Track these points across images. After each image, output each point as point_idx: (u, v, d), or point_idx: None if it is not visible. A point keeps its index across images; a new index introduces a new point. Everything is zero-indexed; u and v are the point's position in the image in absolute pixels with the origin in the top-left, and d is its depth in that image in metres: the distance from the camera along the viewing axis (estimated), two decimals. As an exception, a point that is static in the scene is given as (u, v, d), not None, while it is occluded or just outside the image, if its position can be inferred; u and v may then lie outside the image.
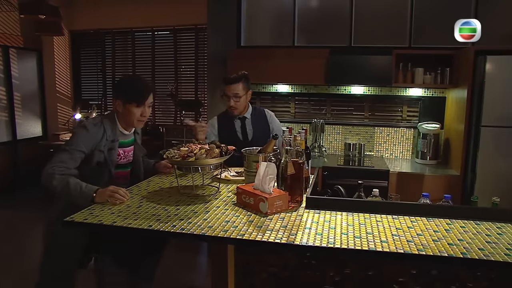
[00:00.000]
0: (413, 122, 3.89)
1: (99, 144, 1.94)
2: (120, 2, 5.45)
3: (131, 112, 2.00)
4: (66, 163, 1.85)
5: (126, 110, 2.00)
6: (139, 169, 2.22)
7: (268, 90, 4.18)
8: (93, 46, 5.95)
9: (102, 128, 1.97)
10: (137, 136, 2.20)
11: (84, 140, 1.91)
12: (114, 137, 2.00)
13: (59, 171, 1.81)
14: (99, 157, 1.95)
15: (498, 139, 3.07)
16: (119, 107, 2.01)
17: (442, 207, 1.75)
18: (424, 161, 3.61)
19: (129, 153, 2.14)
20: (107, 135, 1.97)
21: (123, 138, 2.08)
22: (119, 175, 2.09)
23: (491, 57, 2.99)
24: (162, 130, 5.49)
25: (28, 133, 5.54)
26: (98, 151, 1.94)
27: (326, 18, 3.98)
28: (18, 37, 5.31)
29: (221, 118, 2.76)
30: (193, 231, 1.44)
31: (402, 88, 3.82)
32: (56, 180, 1.79)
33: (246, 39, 4.17)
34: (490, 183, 3.06)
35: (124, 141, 2.09)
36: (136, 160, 2.18)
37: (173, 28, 5.45)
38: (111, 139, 1.99)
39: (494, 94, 3.01)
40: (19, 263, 3.20)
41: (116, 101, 2.02)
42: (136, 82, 2.12)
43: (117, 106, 2.01)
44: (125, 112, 2.01)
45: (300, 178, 1.74)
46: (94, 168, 1.95)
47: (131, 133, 2.13)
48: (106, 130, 1.98)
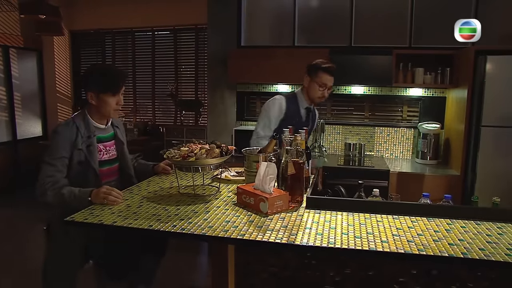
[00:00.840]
0: (413, 122, 3.89)
1: (76, 143, 1.89)
2: (120, 2, 5.45)
3: (106, 102, 1.94)
4: (53, 176, 1.82)
5: (101, 101, 1.93)
6: (126, 164, 2.15)
7: (268, 90, 4.18)
8: (93, 46, 5.95)
9: (74, 127, 1.91)
10: (118, 130, 2.13)
11: (60, 145, 1.86)
12: (89, 132, 1.94)
13: (49, 186, 1.80)
14: (79, 157, 1.89)
15: (498, 139, 3.07)
16: (93, 99, 1.93)
17: (443, 207, 1.75)
18: (424, 161, 3.61)
19: (111, 148, 2.07)
20: (81, 132, 1.91)
21: (100, 132, 2.01)
22: (106, 173, 2.03)
23: (491, 57, 2.99)
24: (162, 130, 5.50)
25: (28, 133, 5.54)
26: (77, 150, 1.89)
27: (326, 18, 3.98)
28: (18, 37, 5.31)
29: (288, 101, 2.65)
30: (194, 231, 1.44)
31: (402, 88, 3.82)
32: (49, 196, 1.79)
33: (246, 39, 4.17)
34: (490, 183, 3.06)
35: (102, 136, 2.03)
36: (121, 155, 2.11)
37: (173, 28, 5.46)
38: (86, 135, 1.93)
39: (494, 94, 3.01)
40: (19, 262, 3.20)
41: (88, 94, 1.93)
42: (109, 71, 2.04)
43: (90, 99, 1.93)
44: (100, 104, 1.94)
45: (301, 178, 1.74)
46: (77, 169, 1.90)
47: (108, 127, 2.07)
48: (79, 127, 1.92)
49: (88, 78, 2.00)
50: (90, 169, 1.94)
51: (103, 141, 2.03)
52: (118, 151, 2.11)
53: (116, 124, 2.14)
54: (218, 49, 4.17)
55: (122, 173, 2.14)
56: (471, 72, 3.10)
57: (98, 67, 2.36)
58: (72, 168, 1.90)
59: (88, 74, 2.06)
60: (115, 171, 2.12)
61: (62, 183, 1.83)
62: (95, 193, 1.73)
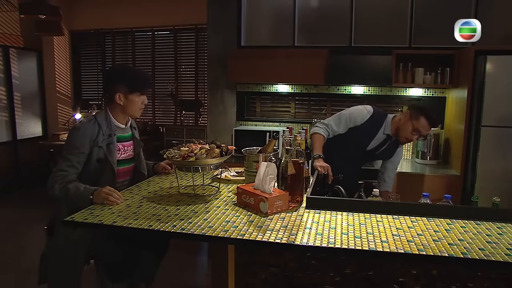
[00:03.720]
0: (413, 122, 3.89)
1: (96, 140, 1.92)
2: (120, 2, 5.45)
3: (134, 101, 1.99)
4: (65, 171, 1.84)
5: (129, 101, 1.98)
6: (141, 165, 2.19)
7: (268, 90, 4.18)
8: (93, 46, 5.95)
9: (96, 124, 1.94)
10: (135, 132, 2.18)
11: (79, 140, 1.89)
12: (110, 131, 1.97)
13: (58, 179, 1.82)
14: (98, 154, 1.92)
15: (498, 139, 3.07)
16: (120, 100, 1.97)
17: (443, 207, 1.75)
18: (424, 161, 3.61)
19: (129, 148, 2.10)
20: (103, 130, 1.95)
21: (120, 132, 2.05)
22: (121, 172, 2.06)
23: (491, 57, 2.99)
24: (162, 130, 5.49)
25: (28, 133, 5.54)
26: (97, 147, 1.92)
27: (326, 18, 3.98)
28: (18, 37, 5.31)
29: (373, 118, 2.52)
30: (194, 231, 1.44)
31: (402, 88, 3.82)
32: (56, 189, 1.81)
33: (246, 39, 4.17)
34: (490, 183, 3.06)
35: (122, 135, 2.06)
36: (137, 155, 2.15)
37: (173, 28, 5.46)
38: (107, 133, 1.96)
39: (494, 94, 3.01)
40: (19, 262, 3.20)
41: (116, 95, 1.97)
42: (135, 71, 2.14)
43: (117, 99, 1.97)
44: (128, 103, 1.99)
45: (301, 178, 1.74)
46: (95, 165, 1.93)
47: (127, 128, 2.11)
48: (101, 125, 1.95)
49: (117, 78, 2.01)
50: (108, 167, 1.96)
51: (122, 140, 2.06)
52: (135, 151, 2.14)
53: (134, 126, 2.19)
54: (218, 49, 4.17)
55: (136, 173, 2.17)
56: (471, 72, 3.10)
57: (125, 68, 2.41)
58: (90, 164, 1.93)
59: (117, 74, 2.07)
60: (130, 171, 2.15)
61: (70, 178, 1.85)
62: (97, 193, 1.75)
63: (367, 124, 2.51)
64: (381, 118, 2.55)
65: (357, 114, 2.53)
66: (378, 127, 2.52)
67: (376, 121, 2.53)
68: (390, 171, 2.69)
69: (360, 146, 2.56)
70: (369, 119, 2.51)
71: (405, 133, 2.46)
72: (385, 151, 2.61)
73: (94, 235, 1.89)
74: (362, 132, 2.51)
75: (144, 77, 2.10)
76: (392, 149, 2.63)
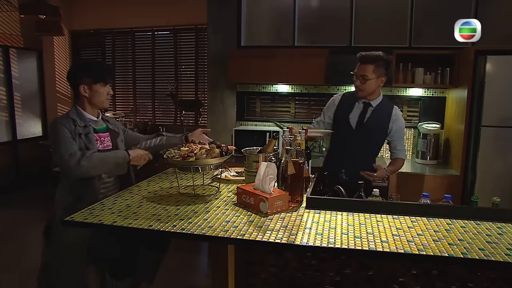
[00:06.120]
0: (413, 122, 3.89)
1: (75, 131, 1.98)
2: (120, 2, 5.45)
3: (99, 92, 2.05)
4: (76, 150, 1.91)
5: (93, 92, 2.04)
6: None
7: (268, 90, 4.18)
8: (93, 46, 5.95)
9: (70, 119, 2.00)
10: (109, 124, 2.21)
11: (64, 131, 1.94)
12: (85, 122, 2.03)
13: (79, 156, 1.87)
14: (79, 144, 1.97)
15: (498, 139, 3.07)
16: (85, 91, 2.03)
17: (443, 207, 1.75)
18: (424, 161, 3.61)
19: (106, 139, 2.14)
20: (78, 123, 2.00)
21: (94, 124, 2.09)
22: None
23: (491, 57, 2.99)
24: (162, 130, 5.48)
25: (28, 133, 5.54)
26: (78, 137, 1.97)
27: (326, 18, 3.98)
28: (18, 37, 5.31)
29: (346, 96, 2.60)
30: (194, 231, 1.44)
31: (402, 88, 3.82)
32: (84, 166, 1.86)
33: (246, 39, 4.17)
34: (490, 183, 3.06)
35: (96, 127, 2.10)
36: (115, 146, 2.17)
37: (173, 28, 5.45)
38: (82, 125, 2.01)
39: (494, 94, 3.01)
40: (19, 263, 3.20)
41: (80, 87, 2.03)
42: (97, 63, 2.28)
43: (82, 91, 2.03)
44: (93, 94, 2.04)
45: (301, 178, 1.74)
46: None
47: (100, 120, 2.15)
48: (75, 119, 2.00)
49: (79, 72, 2.08)
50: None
51: (97, 132, 2.10)
52: (113, 142, 2.17)
53: (106, 119, 2.22)
54: (218, 49, 4.17)
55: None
56: (471, 72, 3.10)
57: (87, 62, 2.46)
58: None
59: (78, 68, 2.14)
60: None
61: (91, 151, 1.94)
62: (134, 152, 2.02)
63: (343, 101, 2.57)
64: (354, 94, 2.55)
65: (333, 97, 2.63)
66: (354, 99, 2.52)
67: (351, 96, 2.57)
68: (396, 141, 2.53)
69: (344, 121, 2.49)
70: (343, 96, 2.59)
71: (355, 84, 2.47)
72: (373, 119, 2.46)
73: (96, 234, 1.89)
74: (341, 109, 2.54)
75: (106, 67, 2.20)
76: (382, 115, 2.49)
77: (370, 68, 2.37)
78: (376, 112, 2.46)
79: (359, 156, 2.48)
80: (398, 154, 2.55)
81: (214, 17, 4.19)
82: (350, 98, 2.54)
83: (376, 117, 2.46)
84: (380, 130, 2.49)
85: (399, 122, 2.50)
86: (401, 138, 2.55)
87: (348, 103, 2.53)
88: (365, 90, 2.41)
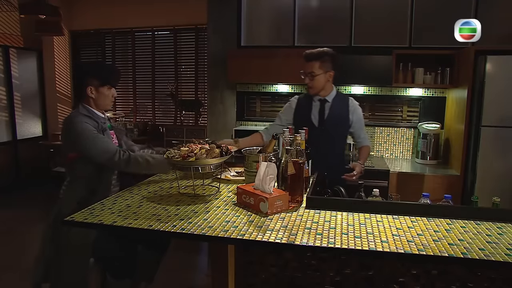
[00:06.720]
0: (413, 122, 3.89)
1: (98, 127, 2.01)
2: (120, 2, 5.45)
3: (105, 94, 2.06)
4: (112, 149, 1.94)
5: (100, 94, 2.05)
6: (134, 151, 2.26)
7: (268, 90, 4.18)
8: (93, 46, 5.95)
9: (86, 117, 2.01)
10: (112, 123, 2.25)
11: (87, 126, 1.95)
12: (98, 120, 2.05)
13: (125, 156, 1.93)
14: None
15: (498, 139, 3.06)
16: (92, 93, 2.04)
17: (443, 207, 1.75)
18: (424, 161, 3.61)
19: (114, 137, 2.17)
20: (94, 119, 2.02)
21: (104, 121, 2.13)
22: None
23: (491, 57, 2.99)
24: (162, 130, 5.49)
25: (28, 133, 5.54)
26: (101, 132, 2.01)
27: (326, 18, 3.98)
28: (18, 37, 5.31)
29: (302, 98, 2.69)
30: (194, 231, 1.44)
31: (402, 88, 3.82)
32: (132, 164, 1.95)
33: (246, 39, 4.17)
34: (490, 183, 3.06)
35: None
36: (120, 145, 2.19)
37: (173, 28, 5.46)
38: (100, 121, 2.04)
39: (494, 94, 3.01)
40: (19, 263, 3.20)
41: (87, 88, 2.03)
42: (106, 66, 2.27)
43: (89, 93, 2.04)
44: (99, 96, 2.06)
45: (301, 178, 1.74)
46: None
47: (105, 118, 2.17)
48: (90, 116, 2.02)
49: (87, 73, 2.09)
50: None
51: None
52: (118, 140, 2.20)
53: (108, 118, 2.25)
54: (218, 49, 4.17)
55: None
56: (471, 72, 3.10)
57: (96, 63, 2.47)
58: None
59: (87, 69, 2.14)
60: None
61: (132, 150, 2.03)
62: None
63: (300, 103, 2.66)
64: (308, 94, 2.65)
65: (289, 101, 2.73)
66: (310, 99, 2.62)
67: (306, 96, 2.66)
68: (359, 131, 2.66)
69: (306, 121, 2.52)
70: (299, 99, 2.68)
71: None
72: (333, 114, 2.56)
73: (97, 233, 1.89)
74: (300, 111, 2.62)
75: (114, 70, 2.20)
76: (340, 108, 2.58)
77: (316, 64, 2.49)
78: (334, 107, 2.58)
79: (328, 152, 2.54)
80: (363, 142, 2.68)
81: (214, 17, 4.19)
82: (306, 99, 2.65)
83: (335, 111, 2.57)
84: (342, 123, 2.59)
85: (358, 111, 2.63)
86: (363, 127, 2.68)
87: (306, 104, 2.63)
88: (314, 86, 2.54)
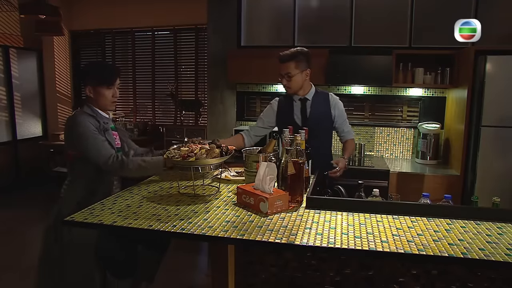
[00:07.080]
0: (413, 122, 3.89)
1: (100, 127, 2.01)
2: (120, 2, 5.45)
3: (103, 94, 2.05)
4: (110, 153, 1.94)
5: (98, 94, 2.05)
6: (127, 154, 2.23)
7: (268, 90, 4.18)
8: (93, 46, 5.95)
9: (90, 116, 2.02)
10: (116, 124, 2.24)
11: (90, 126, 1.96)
12: (102, 119, 2.06)
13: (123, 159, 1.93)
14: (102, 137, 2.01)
15: (498, 139, 3.07)
16: (90, 92, 2.05)
17: (443, 207, 1.75)
18: (424, 161, 3.61)
19: (117, 138, 2.17)
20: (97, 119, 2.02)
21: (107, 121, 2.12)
22: None
23: (491, 57, 2.99)
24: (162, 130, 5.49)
25: (28, 133, 5.55)
26: (103, 132, 2.01)
27: (326, 18, 3.98)
28: (18, 37, 5.31)
29: (282, 99, 2.70)
30: (194, 231, 1.44)
31: (402, 88, 3.82)
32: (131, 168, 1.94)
33: (246, 39, 4.17)
34: (490, 183, 3.06)
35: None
36: (123, 146, 2.19)
37: (173, 28, 5.46)
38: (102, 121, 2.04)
39: (494, 94, 3.01)
40: (19, 263, 3.20)
41: (87, 88, 2.05)
42: (103, 66, 2.26)
43: (88, 92, 2.05)
44: (97, 96, 2.05)
45: (301, 178, 1.74)
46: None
47: (109, 118, 2.17)
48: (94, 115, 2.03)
49: (86, 73, 2.14)
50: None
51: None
52: (121, 141, 2.19)
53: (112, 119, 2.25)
54: (218, 49, 4.17)
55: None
56: (471, 72, 3.10)
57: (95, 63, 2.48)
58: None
59: (86, 69, 2.21)
60: None
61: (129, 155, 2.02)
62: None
63: (281, 104, 2.67)
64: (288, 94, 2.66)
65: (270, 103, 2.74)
66: (290, 99, 2.63)
67: (286, 97, 2.67)
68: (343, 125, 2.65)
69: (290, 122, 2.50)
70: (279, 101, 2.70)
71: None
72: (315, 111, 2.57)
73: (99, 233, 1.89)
74: (283, 112, 2.63)
75: (111, 69, 2.16)
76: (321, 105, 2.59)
77: (291, 65, 2.48)
78: (315, 104, 2.58)
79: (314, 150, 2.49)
80: (347, 136, 2.68)
81: (214, 17, 4.19)
82: (287, 100, 2.66)
83: (317, 108, 2.58)
84: (325, 119, 2.59)
85: (339, 106, 2.63)
86: (345, 120, 2.67)
87: (287, 105, 2.64)
88: (293, 86, 2.54)
